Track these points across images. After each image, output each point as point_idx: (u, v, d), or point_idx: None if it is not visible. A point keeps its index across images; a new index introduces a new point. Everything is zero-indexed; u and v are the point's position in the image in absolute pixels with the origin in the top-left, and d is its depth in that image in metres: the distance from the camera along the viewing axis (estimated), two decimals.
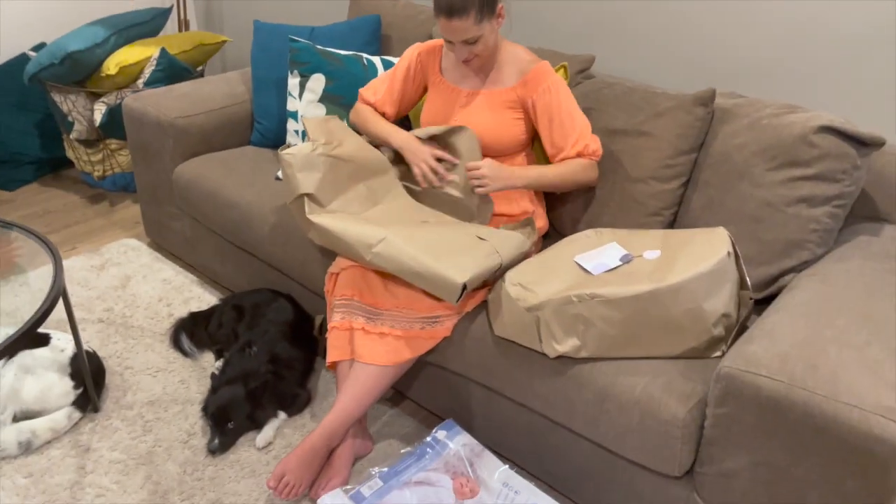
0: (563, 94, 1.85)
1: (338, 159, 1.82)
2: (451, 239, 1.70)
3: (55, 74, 2.75)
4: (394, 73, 2.02)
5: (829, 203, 1.65)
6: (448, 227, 1.77)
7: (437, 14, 1.75)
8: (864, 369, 1.27)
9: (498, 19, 1.80)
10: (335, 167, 1.81)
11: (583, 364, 1.55)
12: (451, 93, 1.94)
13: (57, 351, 1.90)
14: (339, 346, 1.76)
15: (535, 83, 1.85)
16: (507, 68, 1.90)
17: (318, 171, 1.78)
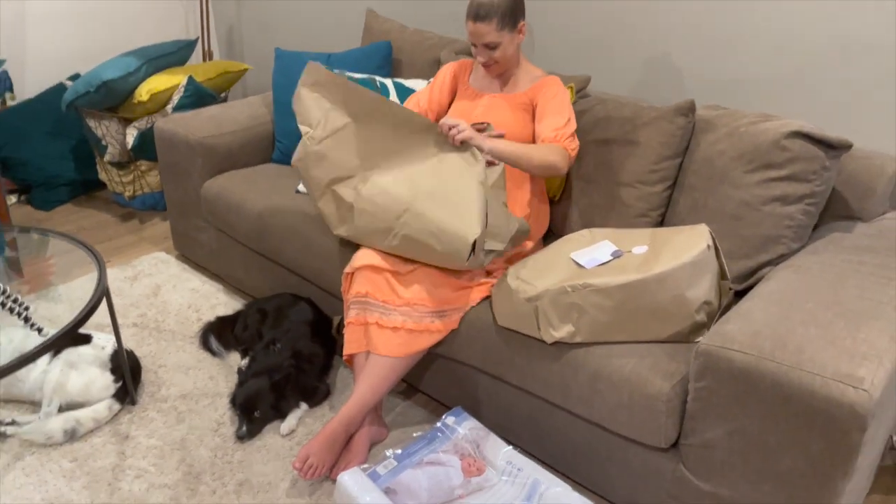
0: (561, 97, 2.04)
1: (333, 133, 1.91)
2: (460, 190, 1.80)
3: (91, 101, 2.97)
4: (431, 85, 2.23)
5: (802, 201, 1.81)
6: (455, 171, 1.85)
7: (467, 18, 1.98)
8: (827, 344, 1.42)
9: (519, 34, 2.02)
10: (336, 141, 1.91)
11: (577, 349, 1.70)
12: (474, 96, 2.15)
13: (98, 348, 2.07)
14: (354, 340, 1.92)
15: (543, 86, 2.06)
16: (523, 78, 2.12)
17: (324, 158, 1.91)
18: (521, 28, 2.01)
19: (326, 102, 1.94)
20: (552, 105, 2.01)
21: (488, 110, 2.08)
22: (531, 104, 2.07)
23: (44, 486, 1.80)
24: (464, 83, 2.20)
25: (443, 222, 1.79)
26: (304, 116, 1.94)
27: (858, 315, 1.49)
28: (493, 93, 2.13)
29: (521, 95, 2.08)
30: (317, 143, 1.92)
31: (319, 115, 1.93)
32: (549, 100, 2.02)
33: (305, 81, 1.95)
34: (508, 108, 2.07)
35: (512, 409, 1.90)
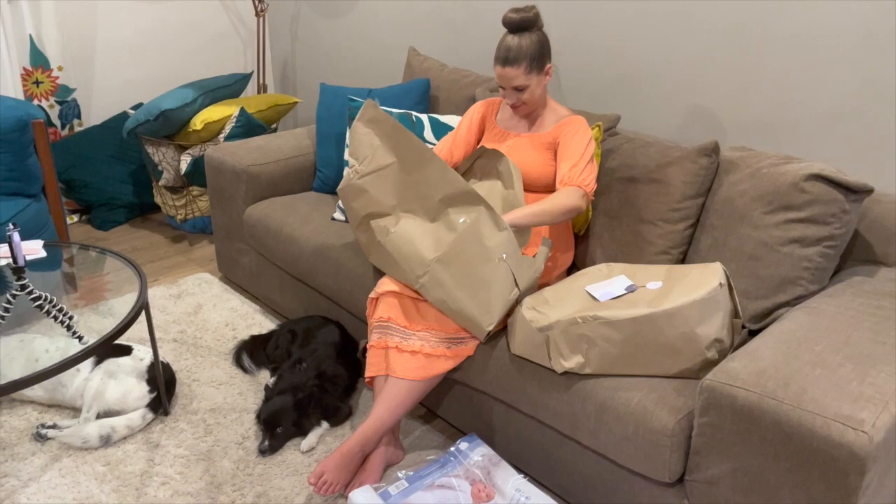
0: (581, 135, 2.07)
1: (377, 171, 2.01)
2: (481, 266, 1.88)
3: (150, 129, 3.17)
4: (460, 124, 2.31)
5: (820, 244, 1.81)
6: (478, 243, 1.91)
7: (495, 63, 2.06)
8: (831, 386, 1.42)
9: (545, 76, 2.09)
10: (378, 178, 2.00)
11: (586, 380, 1.73)
12: (501, 135, 2.23)
13: (137, 360, 2.20)
14: (375, 363, 1.99)
15: (566, 126, 2.11)
16: (549, 118, 2.18)
17: (364, 193, 2.01)
18: (547, 70, 2.09)
19: (377, 139, 2.04)
20: (571, 144, 2.07)
21: (514, 150, 2.16)
22: (555, 143, 2.13)
23: (76, 486, 1.91)
24: (491, 122, 2.28)
25: (460, 303, 1.87)
26: (354, 150, 2.05)
27: (869, 358, 1.49)
28: (519, 132, 2.20)
29: (546, 135, 2.15)
30: (360, 177, 2.02)
31: (368, 151, 2.03)
32: (569, 139, 2.08)
33: (362, 117, 2.06)
34: (533, 148, 2.14)
35: (524, 438, 1.93)
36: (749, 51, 2.17)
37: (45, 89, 3.41)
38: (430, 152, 2.01)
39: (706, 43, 2.25)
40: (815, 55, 2.04)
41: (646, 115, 2.48)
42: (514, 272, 1.89)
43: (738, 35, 2.17)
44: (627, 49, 2.45)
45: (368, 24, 3.41)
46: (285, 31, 3.94)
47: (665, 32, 2.34)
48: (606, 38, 2.49)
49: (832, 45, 1.99)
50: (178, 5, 3.73)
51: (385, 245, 1.98)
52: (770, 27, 2.10)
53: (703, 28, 2.25)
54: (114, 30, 3.56)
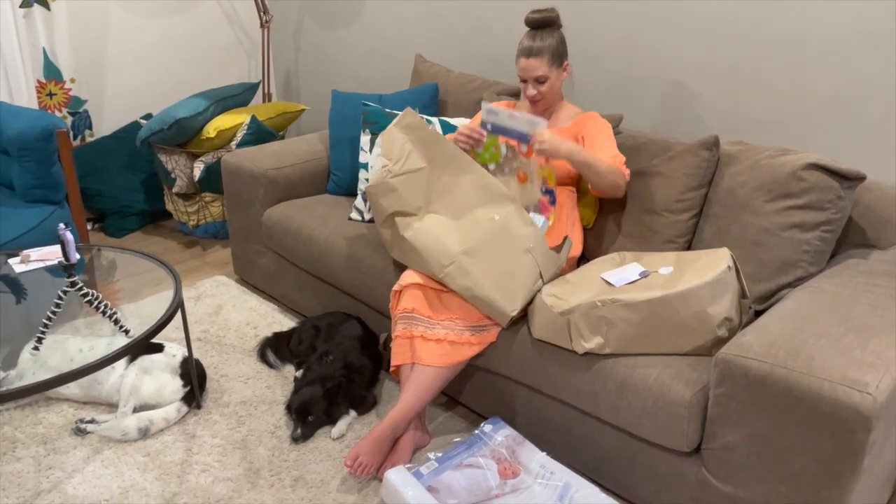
0: (608, 129, 2.26)
1: (409, 173, 2.14)
2: (508, 259, 2.02)
3: (163, 138, 3.26)
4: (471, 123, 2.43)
5: (819, 228, 1.95)
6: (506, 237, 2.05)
7: (519, 56, 2.22)
8: (836, 353, 1.54)
9: (563, 72, 2.26)
10: (409, 180, 2.13)
11: (606, 359, 1.85)
12: None
13: (170, 356, 2.29)
14: (401, 353, 2.10)
15: (587, 121, 2.28)
16: (564, 114, 2.34)
17: (394, 191, 2.13)
18: (565, 66, 2.25)
19: (410, 144, 2.17)
20: (601, 136, 2.22)
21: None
22: (575, 137, 2.26)
23: (120, 476, 2.00)
24: None
25: (485, 290, 1.99)
26: (387, 150, 2.17)
27: (869, 329, 1.62)
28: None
29: (564, 130, 2.29)
30: (392, 176, 2.14)
31: (401, 153, 2.16)
32: (597, 132, 2.23)
33: (399, 122, 2.20)
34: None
35: (545, 418, 2.05)
36: (744, 51, 2.31)
37: (58, 101, 3.49)
38: (464, 159, 2.16)
39: (703, 44, 2.39)
40: (805, 54, 2.18)
41: (647, 114, 2.62)
42: (540, 265, 2.01)
43: (733, 36, 2.32)
44: (628, 52, 2.59)
45: (371, 33, 3.53)
46: (289, 41, 4.05)
47: (663, 36, 2.48)
48: (608, 42, 2.62)
49: (821, 45, 2.14)
50: (184, 19, 3.83)
51: (410, 240, 2.09)
52: (763, 28, 2.24)
53: (699, 30, 2.39)
54: (123, 42, 3.66)
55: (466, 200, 2.16)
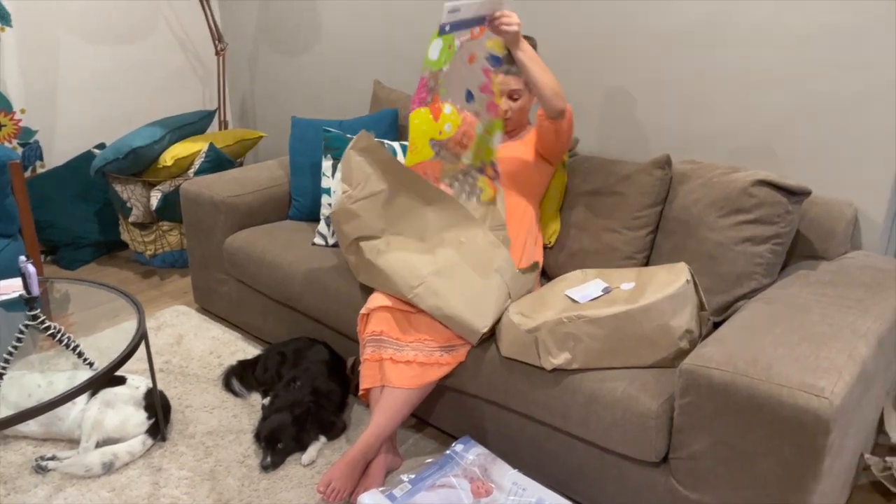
0: None
1: (370, 196, 2.15)
2: (477, 279, 2.05)
3: (118, 167, 3.22)
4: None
5: (769, 241, 2.04)
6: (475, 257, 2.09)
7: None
8: (793, 361, 1.61)
9: (533, 97, 2.35)
10: (370, 203, 2.14)
11: (574, 374, 1.89)
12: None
13: (133, 388, 2.24)
14: (370, 376, 2.11)
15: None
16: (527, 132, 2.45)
17: (357, 217, 2.14)
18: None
19: (369, 168, 2.18)
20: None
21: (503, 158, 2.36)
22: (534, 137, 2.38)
23: None
24: None
25: (455, 308, 2.01)
26: (347, 176, 2.18)
27: (821, 337, 1.70)
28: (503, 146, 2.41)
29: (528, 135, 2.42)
30: (353, 202, 2.15)
31: (361, 177, 2.17)
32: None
33: (355, 146, 2.20)
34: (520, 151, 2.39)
35: (516, 436, 2.07)
36: (693, 74, 2.41)
37: (7, 132, 3.42)
38: (423, 180, 2.17)
39: (653, 65, 2.49)
40: (753, 77, 2.29)
41: (601, 136, 2.70)
42: (509, 284, 2.05)
43: (683, 60, 2.42)
44: (579, 78, 2.67)
45: (328, 59, 3.56)
46: (244, 68, 4.05)
47: (614, 56, 2.57)
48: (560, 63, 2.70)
49: (768, 68, 2.25)
50: (137, 47, 3.80)
51: (376, 263, 2.11)
52: (712, 50, 2.35)
53: (650, 50, 2.48)
54: (75, 71, 3.61)
55: (432, 222, 2.19)
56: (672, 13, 2.39)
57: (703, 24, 2.34)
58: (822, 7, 2.10)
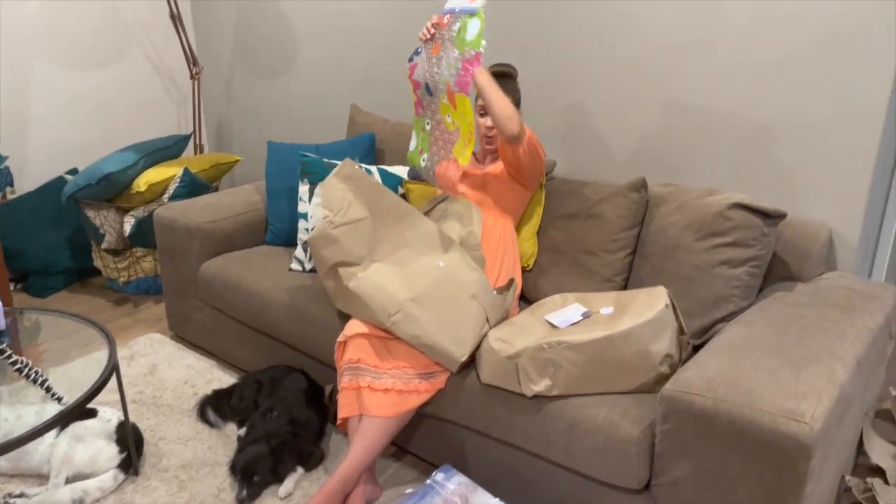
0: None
1: (351, 223, 2.14)
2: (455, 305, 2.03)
3: (91, 193, 3.17)
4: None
5: (746, 264, 2.04)
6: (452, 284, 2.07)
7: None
8: (773, 385, 1.61)
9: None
10: (351, 230, 2.13)
11: (555, 401, 1.87)
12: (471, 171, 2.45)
13: (104, 421, 2.19)
14: (348, 404, 2.07)
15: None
16: None
17: (336, 242, 2.12)
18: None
19: (351, 195, 2.18)
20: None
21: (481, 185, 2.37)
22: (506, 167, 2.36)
23: None
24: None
25: (433, 336, 1.99)
26: (328, 201, 2.16)
27: (799, 360, 1.70)
28: (485, 171, 2.42)
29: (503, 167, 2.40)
30: (334, 227, 2.13)
31: (342, 204, 2.16)
32: None
33: (338, 173, 2.20)
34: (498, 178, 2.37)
35: (496, 464, 2.05)
36: (668, 98, 2.43)
37: None
38: (406, 207, 2.18)
39: (627, 91, 2.51)
40: (726, 99, 2.31)
41: (576, 160, 2.71)
42: (486, 309, 2.04)
43: (659, 84, 2.44)
44: (556, 101, 2.68)
45: (304, 84, 3.55)
46: (220, 92, 4.03)
47: (590, 86, 2.59)
48: (535, 86, 2.72)
49: (741, 90, 2.27)
50: (110, 71, 3.76)
51: (354, 289, 2.08)
52: (686, 77, 2.37)
53: (624, 78, 2.50)
54: (47, 96, 3.56)
55: (410, 249, 2.18)
56: (646, 38, 2.41)
57: (676, 49, 2.36)
58: (793, 31, 2.13)
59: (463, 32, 2.13)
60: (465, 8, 2.14)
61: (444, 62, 2.19)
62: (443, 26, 2.20)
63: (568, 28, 2.58)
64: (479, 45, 2.10)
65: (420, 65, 2.28)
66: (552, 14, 2.61)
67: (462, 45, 2.13)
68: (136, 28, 3.82)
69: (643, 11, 2.40)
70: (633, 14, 2.42)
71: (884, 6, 1.98)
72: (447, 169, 2.48)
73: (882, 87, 2.03)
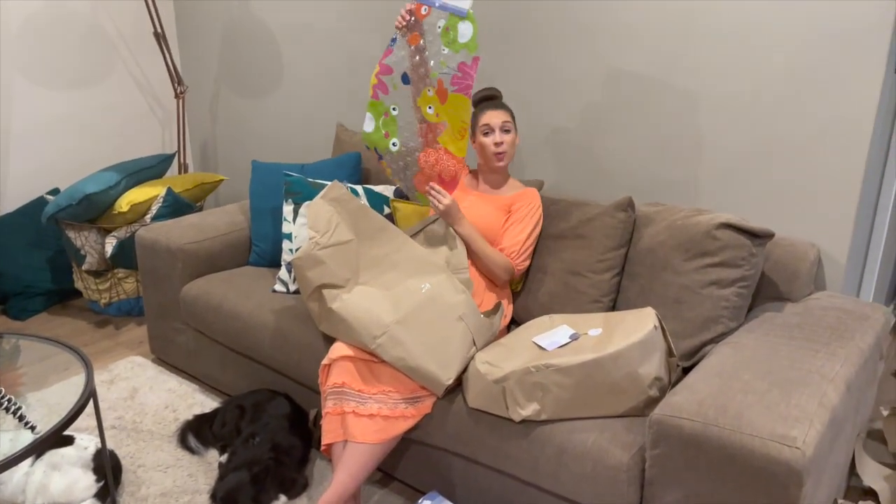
0: (532, 216, 2.33)
1: (337, 245, 2.11)
2: (441, 327, 2.00)
3: (72, 214, 3.11)
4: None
5: (735, 284, 2.02)
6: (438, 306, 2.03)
7: (484, 111, 2.31)
8: (763, 409, 1.58)
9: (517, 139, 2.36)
10: (337, 252, 2.10)
11: (543, 426, 1.84)
12: (464, 191, 2.43)
13: (81, 449, 2.12)
14: (332, 430, 2.02)
15: (526, 197, 2.36)
16: (509, 185, 2.43)
17: (322, 264, 2.08)
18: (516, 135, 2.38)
19: (337, 217, 2.16)
20: (524, 220, 2.31)
21: (474, 205, 2.35)
22: (509, 207, 2.34)
23: None
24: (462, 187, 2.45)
25: (419, 359, 1.95)
26: (314, 222, 2.13)
27: (790, 383, 1.67)
28: (481, 192, 2.41)
29: (505, 198, 2.37)
30: (320, 248, 2.10)
31: (329, 225, 2.13)
32: (524, 215, 2.32)
33: (326, 195, 2.18)
34: (493, 207, 2.35)
35: (485, 490, 2.00)
36: (654, 115, 2.42)
37: None
38: (393, 231, 2.17)
39: (614, 111, 2.50)
40: (713, 118, 2.31)
41: (563, 178, 2.69)
42: (473, 332, 2.00)
43: (644, 100, 2.43)
44: (545, 120, 2.67)
45: (291, 102, 3.53)
46: (205, 111, 4.00)
47: (577, 104, 2.58)
48: (522, 104, 2.70)
49: (728, 108, 2.27)
50: (93, 91, 3.73)
51: (339, 311, 2.04)
52: (671, 93, 2.37)
53: (609, 98, 2.49)
54: (29, 115, 3.52)
55: (396, 272, 2.15)
56: (634, 57, 2.41)
57: (661, 64, 2.35)
58: (779, 50, 2.13)
59: (454, 33, 2.14)
60: (449, 6, 2.14)
61: (428, 55, 2.19)
62: (420, 17, 2.19)
63: (556, 45, 2.57)
64: (475, 49, 2.13)
65: (395, 52, 2.27)
66: (539, 30, 2.60)
67: (455, 46, 2.14)
68: (121, 47, 3.79)
69: (631, 31, 2.39)
70: (621, 33, 2.42)
71: (870, 25, 1.98)
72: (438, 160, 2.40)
73: (868, 105, 2.03)
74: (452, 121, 2.21)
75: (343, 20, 3.18)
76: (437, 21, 2.17)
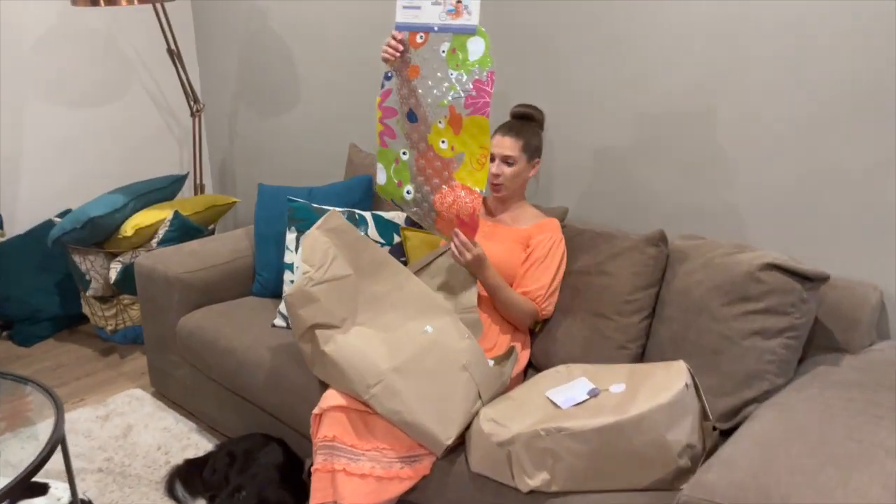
0: (556, 251, 2.10)
1: (332, 280, 1.91)
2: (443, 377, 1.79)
3: (76, 238, 2.99)
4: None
5: (782, 335, 1.75)
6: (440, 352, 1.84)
7: (494, 133, 2.12)
8: (814, 494, 1.32)
9: (532, 168, 2.15)
10: (333, 288, 1.90)
11: (554, 498, 1.60)
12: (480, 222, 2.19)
13: (54, 500, 1.96)
14: (321, 489, 1.81)
15: (546, 229, 2.14)
16: (526, 215, 2.21)
17: (315, 301, 1.88)
18: (535, 164, 2.16)
19: (334, 249, 1.96)
20: (546, 259, 2.08)
21: (489, 236, 2.14)
22: (527, 241, 2.12)
23: None
24: None
25: (416, 414, 1.74)
26: (308, 256, 1.94)
27: (848, 460, 1.40)
28: (495, 222, 2.20)
29: (523, 231, 2.15)
30: (313, 284, 1.90)
31: (324, 259, 1.94)
32: (545, 252, 2.08)
33: (322, 225, 1.98)
34: (509, 240, 2.13)
35: None
36: (695, 139, 2.17)
37: None
38: (395, 266, 1.96)
39: (649, 132, 2.25)
40: (759, 143, 2.04)
41: (592, 205, 2.45)
42: (478, 383, 1.78)
43: (684, 123, 2.18)
44: (572, 141, 2.44)
45: (310, 121, 3.37)
46: (223, 129, 3.87)
47: (608, 124, 2.34)
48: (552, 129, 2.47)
49: (776, 133, 2.00)
50: (108, 109, 3.63)
51: (331, 355, 1.84)
52: (712, 115, 2.11)
53: (644, 117, 2.25)
54: (41, 134, 3.43)
55: (397, 312, 1.94)
56: (673, 72, 2.16)
57: (706, 84, 2.10)
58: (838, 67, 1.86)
59: (462, 53, 1.91)
60: (454, 27, 1.91)
61: (430, 84, 1.96)
62: (416, 46, 1.97)
63: (586, 62, 2.34)
64: (489, 63, 1.89)
65: (395, 91, 2.05)
66: (567, 47, 2.37)
67: (465, 66, 1.91)
68: (137, 64, 3.69)
69: (670, 54, 2.15)
70: (659, 57, 2.17)
71: None
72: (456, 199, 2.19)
73: None
74: (470, 150, 1.97)
75: (358, 28, 3.00)
76: (438, 46, 1.95)
